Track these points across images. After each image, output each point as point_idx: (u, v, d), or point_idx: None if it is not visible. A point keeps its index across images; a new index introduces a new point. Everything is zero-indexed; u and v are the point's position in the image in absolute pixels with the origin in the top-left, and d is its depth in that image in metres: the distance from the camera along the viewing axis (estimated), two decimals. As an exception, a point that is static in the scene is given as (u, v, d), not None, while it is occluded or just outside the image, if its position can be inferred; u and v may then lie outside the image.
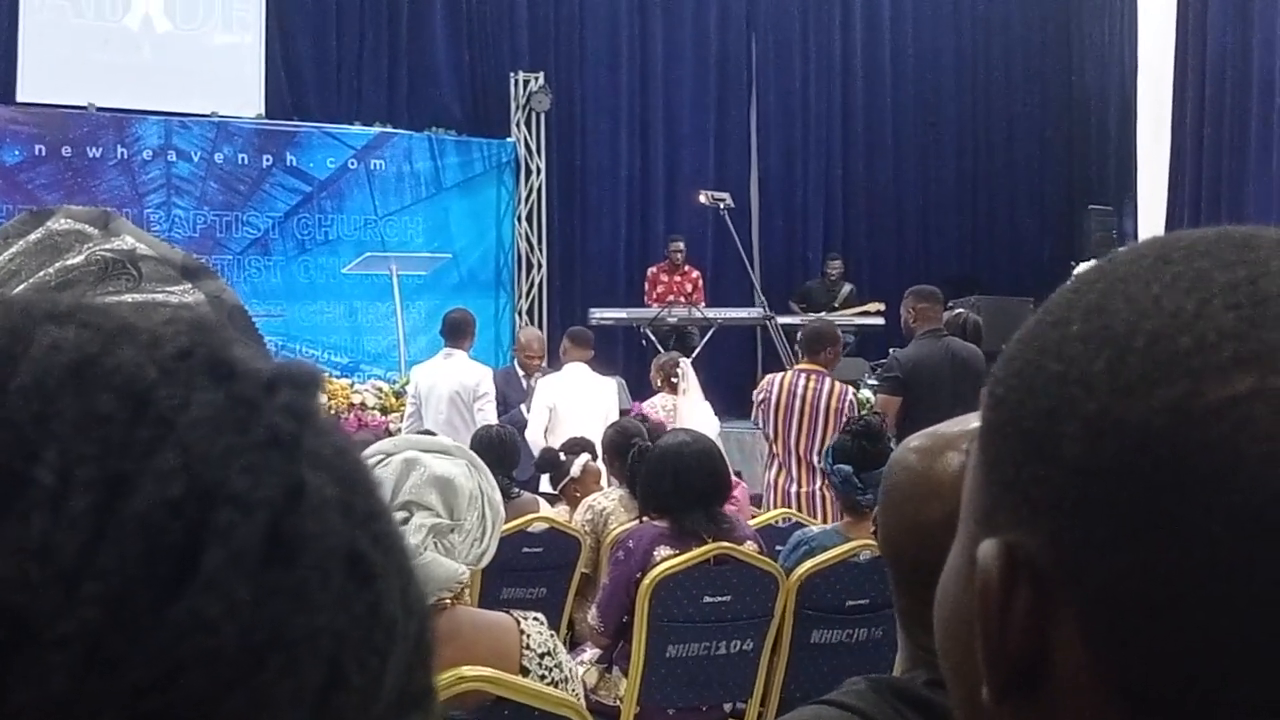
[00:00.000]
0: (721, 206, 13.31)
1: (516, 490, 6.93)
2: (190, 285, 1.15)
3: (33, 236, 1.14)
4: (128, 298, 1.11)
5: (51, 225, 1.15)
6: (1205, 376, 0.63)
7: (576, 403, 9.68)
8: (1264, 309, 0.64)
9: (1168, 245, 0.71)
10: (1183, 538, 0.63)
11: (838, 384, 8.70)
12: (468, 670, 2.79)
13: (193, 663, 0.48)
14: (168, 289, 1.14)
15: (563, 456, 7.75)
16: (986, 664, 0.71)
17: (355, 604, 0.53)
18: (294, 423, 0.54)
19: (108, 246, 1.14)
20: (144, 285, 1.13)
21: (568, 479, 7.53)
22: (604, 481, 7.39)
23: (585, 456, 7.54)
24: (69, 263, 1.13)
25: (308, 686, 0.51)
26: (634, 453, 6.11)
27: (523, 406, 10.22)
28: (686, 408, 9.66)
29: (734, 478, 7.31)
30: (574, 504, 7.05)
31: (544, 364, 10.99)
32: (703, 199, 13.82)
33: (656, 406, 9.54)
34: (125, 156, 13.48)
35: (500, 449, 6.87)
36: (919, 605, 1.63)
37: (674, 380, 9.90)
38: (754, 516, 7.03)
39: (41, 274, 1.12)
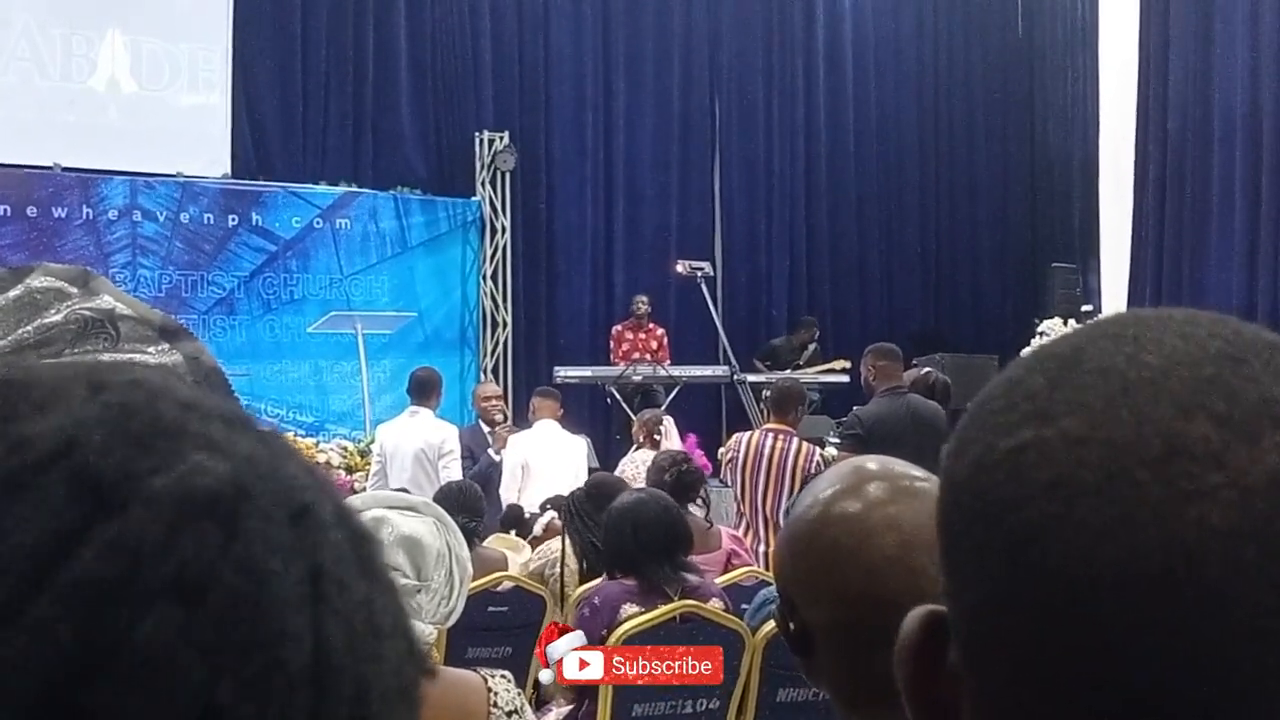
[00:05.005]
0: (699, 275, 13.33)
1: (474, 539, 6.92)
2: (168, 346, 1.16)
3: (11, 293, 1.14)
4: (105, 357, 1.12)
5: (31, 282, 1.15)
6: (999, 433, 0.68)
7: (548, 461, 9.69)
8: (1068, 372, 0.68)
9: (1104, 319, 0.74)
10: (979, 583, 0.68)
11: (805, 444, 8.72)
12: (436, 728, 2.78)
13: None
14: (145, 349, 1.15)
15: (527, 514, 7.78)
16: None
17: None
18: (120, 560, 0.49)
19: (87, 305, 1.14)
20: (122, 345, 1.14)
21: (530, 537, 7.54)
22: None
23: (550, 514, 7.55)
24: (48, 320, 1.13)
25: None
26: (571, 503, 6.18)
27: (490, 451, 10.25)
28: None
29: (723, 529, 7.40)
30: (539, 560, 7.06)
31: (507, 410, 11.03)
32: (680, 269, 13.84)
33: (637, 462, 9.51)
34: (91, 216, 13.43)
35: (462, 498, 6.88)
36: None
37: (656, 437, 9.94)
38: (730, 561, 7.03)
39: (20, 331, 1.12)
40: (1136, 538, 0.62)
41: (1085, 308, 14.48)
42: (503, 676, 3.02)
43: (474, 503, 7.11)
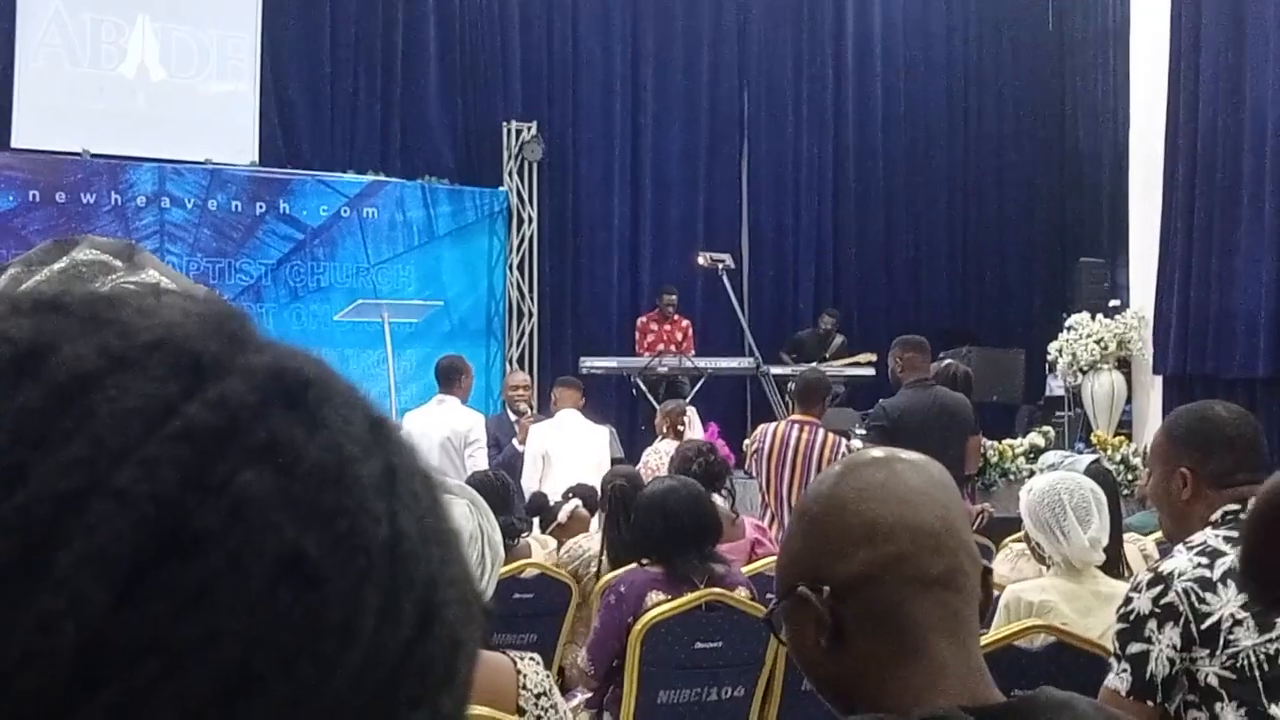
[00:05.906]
0: (720, 268, 13.33)
1: (516, 538, 6.89)
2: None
3: (57, 265, 1.14)
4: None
5: (76, 255, 1.15)
6: None
7: (570, 450, 9.70)
8: None
9: None
10: None
11: (831, 435, 8.71)
12: (464, 710, 2.78)
13: (32, 663, 0.47)
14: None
15: (552, 501, 7.78)
16: None
17: (285, 607, 0.51)
18: (222, 415, 0.52)
19: (132, 279, 1.14)
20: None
21: (555, 524, 7.55)
22: (592, 527, 7.40)
23: (575, 502, 7.55)
24: (92, 293, 1.13)
25: (200, 691, 0.49)
26: (610, 490, 6.16)
27: (514, 441, 10.28)
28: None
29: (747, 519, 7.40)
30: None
31: (532, 399, 11.08)
32: (701, 260, 13.85)
33: (660, 453, 9.48)
34: (119, 203, 13.48)
35: (503, 492, 6.89)
36: None
37: (680, 428, 9.92)
38: (754, 550, 7.03)
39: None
40: None
41: (1113, 303, 14.43)
42: (531, 659, 3.03)
43: (509, 497, 7.11)
